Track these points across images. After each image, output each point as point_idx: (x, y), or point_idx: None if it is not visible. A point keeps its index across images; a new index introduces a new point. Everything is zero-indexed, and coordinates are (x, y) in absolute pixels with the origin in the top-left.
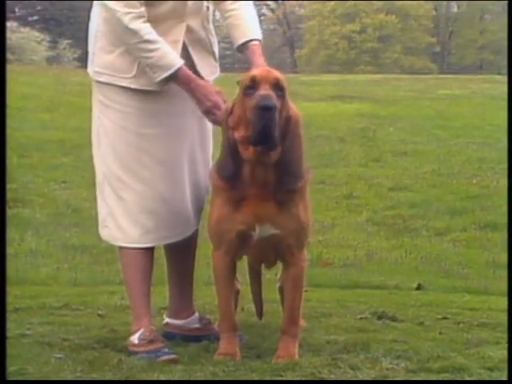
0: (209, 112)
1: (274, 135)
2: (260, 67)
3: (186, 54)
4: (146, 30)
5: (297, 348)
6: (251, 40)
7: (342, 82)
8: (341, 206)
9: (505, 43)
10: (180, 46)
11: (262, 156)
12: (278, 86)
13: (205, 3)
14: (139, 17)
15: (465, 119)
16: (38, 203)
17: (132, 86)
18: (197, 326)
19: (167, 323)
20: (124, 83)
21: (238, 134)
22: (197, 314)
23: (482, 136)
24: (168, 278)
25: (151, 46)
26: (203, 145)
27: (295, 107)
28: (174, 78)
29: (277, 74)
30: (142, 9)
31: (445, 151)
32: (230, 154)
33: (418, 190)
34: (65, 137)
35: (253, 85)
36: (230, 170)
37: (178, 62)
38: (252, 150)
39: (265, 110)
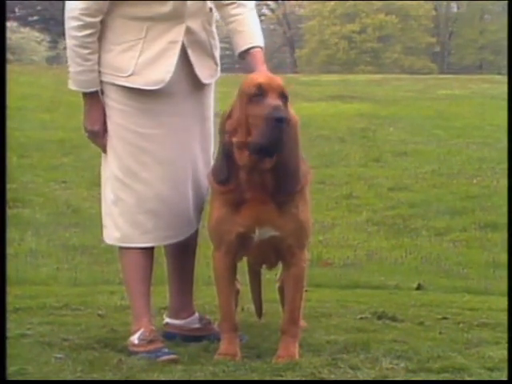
0: (89, 134)
1: (281, 145)
2: (261, 72)
3: (184, 55)
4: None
5: (297, 348)
6: (253, 47)
7: (342, 82)
8: (341, 206)
9: (505, 43)
10: (178, 46)
11: (258, 162)
12: (283, 95)
13: (208, 4)
14: (87, 27)
15: (465, 119)
16: (38, 203)
17: (128, 85)
18: (197, 326)
19: (167, 323)
20: (121, 82)
21: (237, 139)
22: (197, 314)
23: (482, 136)
24: (168, 277)
25: (86, 56)
26: (204, 145)
27: (292, 111)
28: (84, 95)
29: (279, 81)
30: (98, 19)
31: (445, 151)
32: (225, 158)
33: (418, 190)
34: (65, 137)
35: (259, 92)
36: (225, 174)
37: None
38: (248, 156)
39: (278, 121)
